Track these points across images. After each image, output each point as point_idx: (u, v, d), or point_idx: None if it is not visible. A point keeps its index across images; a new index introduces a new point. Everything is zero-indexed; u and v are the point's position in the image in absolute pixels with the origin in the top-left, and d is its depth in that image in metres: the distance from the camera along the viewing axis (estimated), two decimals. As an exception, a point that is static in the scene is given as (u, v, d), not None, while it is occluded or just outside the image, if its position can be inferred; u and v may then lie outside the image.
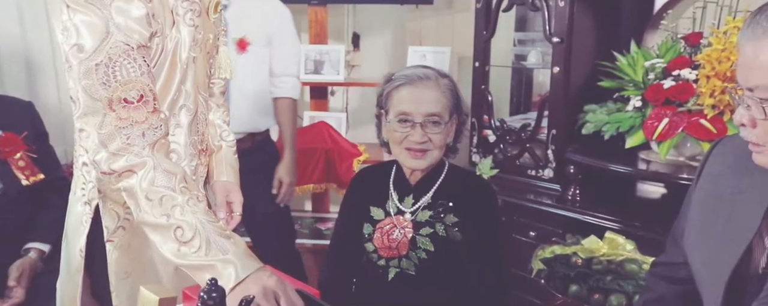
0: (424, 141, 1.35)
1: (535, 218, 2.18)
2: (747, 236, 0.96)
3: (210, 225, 1.03)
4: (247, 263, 1.01)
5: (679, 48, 1.94)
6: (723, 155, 1.06)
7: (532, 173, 2.28)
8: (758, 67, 0.85)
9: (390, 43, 3.36)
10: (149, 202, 1.03)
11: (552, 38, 2.14)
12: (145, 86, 1.06)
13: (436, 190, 1.41)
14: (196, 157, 1.25)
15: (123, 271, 1.22)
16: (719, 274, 0.97)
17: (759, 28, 0.85)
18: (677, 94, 1.81)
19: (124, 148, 1.04)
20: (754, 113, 0.88)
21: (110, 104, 1.04)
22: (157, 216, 1.03)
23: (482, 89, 2.43)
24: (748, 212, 0.97)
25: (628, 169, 1.94)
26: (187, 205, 1.03)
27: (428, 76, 1.37)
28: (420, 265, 1.39)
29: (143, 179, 1.04)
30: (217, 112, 1.41)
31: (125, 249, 1.21)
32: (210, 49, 1.28)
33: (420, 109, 1.34)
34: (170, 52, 1.14)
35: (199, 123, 1.25)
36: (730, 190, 1.01)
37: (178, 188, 1.04)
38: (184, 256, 1.02)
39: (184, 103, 1.20)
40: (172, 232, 1.02)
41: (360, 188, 1.51)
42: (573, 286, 1.67)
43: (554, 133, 2.19)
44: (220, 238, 1.02)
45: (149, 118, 1.07)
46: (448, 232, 1.37)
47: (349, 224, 1.49)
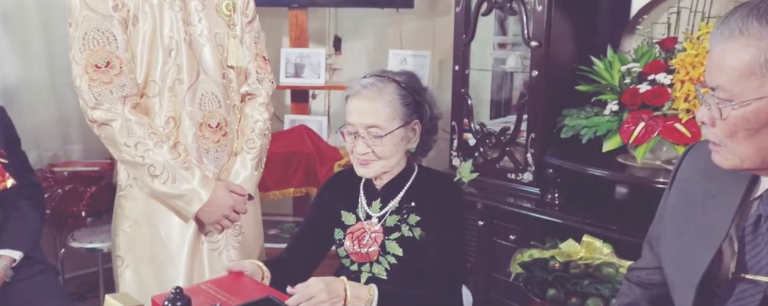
0: (366, 152, 1.34)
1: (514, 222, 2.19)
2: (716, 241, 0.96)
3: (173, 161, 1.43)
4: (206, 190, 1.44)
5: (654, 53, 1.97)
6: (695, 160, 1.06)
7: (512, 177, 2.28)
8: (722, 68, 0.86)
9: (372, 46, 3.36)
10: (127, 147, 1.40)
11: (530, 42, 2.15)
12: (110, 54, 1.38)
13: (403, 194, 1.40)
14: (196, 127, 1.48)
15: (131, 219, 1.51)
16: (690, 279, 0.97)
17: (727, 30, 0.86)
18: (652, 99, 1.83)
19: (98, 102, 1.38)
20: (713, 112, 0.89)
21: (85, 68, 1.38)
22: (135, 157, 1.40)
23: (462, 93, 2.43)
24: (717, 217, 0.97)
25: (606, 173, 1.95)
26: (155, 147, 1.41)
27: (374, 87, 1.33)
28: (391, 269, 1.38)
29: (121, 130, 1.39)
30: (256, 108, 1.61)
31: (133, 200, 1.51)
32: (221, 41, 1.51)
33: (360, 120, 1.33)
34: (149, 31, 1.42)
35: (204, 101, 1.48)
36: (701, 194, 1.01)
37: (147, 135, 1.41)
38: (156, 187, 1.42)
39: (178, 76, 1.45)
40: (146, 169, 1.42)
41: (332, 191, 1.50)
42: (551, 290, 1.68)
43: (533, 137, 2.20)
44: (184, 171, 1.43)
45: (115, 79, 1.39)
46: (412, 232, 1.36)
47: (315, 221, 1.48)
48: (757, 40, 0.83)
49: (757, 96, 0.83)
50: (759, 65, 0.83)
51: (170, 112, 1.46)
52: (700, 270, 0.97)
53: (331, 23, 3.37)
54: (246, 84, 1.61)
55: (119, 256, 1.53)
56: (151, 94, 1.45)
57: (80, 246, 2.31)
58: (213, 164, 1.52)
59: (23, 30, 2.54)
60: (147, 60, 1.43)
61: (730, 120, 0.86)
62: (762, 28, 0.83)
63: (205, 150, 1.51)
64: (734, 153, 0.89)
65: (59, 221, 2.39)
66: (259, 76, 1.62)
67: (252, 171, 1.57)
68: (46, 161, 2.58)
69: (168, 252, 1.49)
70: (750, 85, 0.83)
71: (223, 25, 1.52)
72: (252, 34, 1.61)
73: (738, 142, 0.87)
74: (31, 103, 2.57)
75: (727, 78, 0.85)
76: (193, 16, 1.47)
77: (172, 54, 1.44)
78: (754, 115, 0.84)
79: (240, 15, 1.57)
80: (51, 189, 2.35)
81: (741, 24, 0.84)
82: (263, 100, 1.62)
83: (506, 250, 2.14)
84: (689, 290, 0.97)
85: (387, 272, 1.39)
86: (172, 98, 1.45)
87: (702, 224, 0.99)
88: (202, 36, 1.48)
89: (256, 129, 1.59)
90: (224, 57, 1.52)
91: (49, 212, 2.31)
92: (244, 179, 1.55)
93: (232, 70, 1.55)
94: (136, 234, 1.51)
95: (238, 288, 1.20)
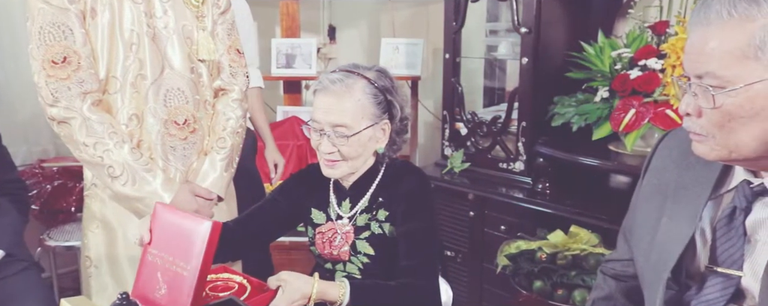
0: (332, 152, 1.27)
1: (505, 212, 2.15)
2: (687, 233, 0.92)
3: (134, 163, 1.37)
4: (168, 193, 1.39)
5: (646, 37, 1.91)
6: (668, 149, 1.02)
7: (504, 166, 2.25)
8: (708, 53, 0.81)
9: (366, 35, 3.31)
10: (86, 146, 1.35)
11: (520, 29, 2.10)
12: (67, 49, 1.33)
13: (372, 192, 1.35)
14: (160, 124, 1.43)
15: (98, 219, 1.47)
16: (660, 272, 0.94)
17: (711, 13, 0.81)
18: (643, 85, 1.78)
19: (55, 99, 1.33)
20: (701, 102, 0.83)
21: (42, 64, 1.33)
22: (93, 156, 1.36)
23: (453, 81, 2.39)
24: (689, 208, 0.93)
25: (596, 162, 1.91)
26: (115, 147, 1.36)
27: (343, 84, 1.25)
28: (364, 268, 1.35)
29: (80, 129, 1.34)
30: (229, 105, 1.54)
31: (100, 201, 1.47)
32: (189, 34, 1.45)
33: (327, 118, 1.26)
34: (107, 24, 1.37)
35: (169, 97, 1.43)
36: (674, 185, 0.97)
37: (107, 134, 1.35)
38: (115, 188, 1.38)
39: (141, 71, 1.39)
40: (105, 170, 1.36)
41: (302, 184, 1.43)
42: (537, 282, 1.65)
43: (524, 126, 2.15)
44: (144, 173, 1.38)
45: (72, 75, 1.34)
46: (382, 228, 1.32)
47: (277, 202, 1.41)
48: (748, 21, 0.78)
49: (752, 80, 0.78)
50: (752, 47, 0.78)
51: (133, 109, 1.40)
52: (670, 263, 0.93)
53: (325, 12, 3.33)
54: (219, 78, 1.54)
55: (88, 257, 1.49)
56: (113, 90, 1.39)
57: (57, 244, 2.29)
58: (180, 162, 1.47)
59: (12, 25, 2.53)
60: (107, 55, 1.37)
61: (724, 108, 0.81)
62: (751, 7, 0.78)
63: (172, 147, 1.45)
64: (723, 144, 0.84)
65: (49, 217, 2.38)
66: (232, 70, 1.55)
67: (221, 172, 1.49)
68: (35, 156, 2.58)
69: (136, 253, 1.42)
70: (744, 69, 0.78)
71: (191, 16, 1.46)
72: (225, 26, 1.53)
73: (729, 132, 0.82)
74: (20, 97, 2.56)
75: (718, 63, 0.80)
76: (157, 8, 1.41)
77: (133, 48, 1.38)
78: (749, 102, 0.79)
79: (211, 6, 1.50)
80: (40, 184, 2.35)
81: (729, 6, 0.79)
82: (237, 96, 1.55)
83: (497, 240, 2.10)
84: (658, 284, 0.93)
85: (361, 271, 1.36)
86: (134, 94, 1.40)
87: (674, 216, 0.95)
88: (168, 29, 1.42)
89: (228, 127, 1.52)
90: (193, 50, 1.46)
91: (37, 208, 2.31)
92: (213, 181, 1.48)
93: (202, 64, 1.48)
94: (104, 234, 1.47)
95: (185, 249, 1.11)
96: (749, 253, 0.87)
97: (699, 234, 0.93)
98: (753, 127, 0.81)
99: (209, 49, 1.48)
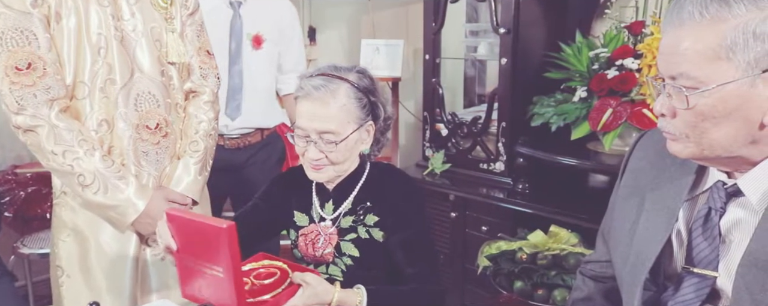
0: (319, 158, 1.26)
1: (486, 212, 2.16)
2: (664, 234, 0.93)
3: (106, 170, 1.35)
4: (142, 200, 1.37)
5: (623, 37, 1.92)
6: (644, 150, 1.03)
7: (484, 167, 2.25)
8: (681, 53, 0.81)
9: (346, 36, 3.30)
10: (55, 155, 1.32)
11: (499, 29, 2.11)
12: (32, 54, 1.29)
13: (356, 194, 1.34)
14: (132, 129, 1.40)
15: (69, 228, 1.44)
16: (638, 273, 0.94)
17: (684, 14, 0.81)
18: (620, 84, 1.79)
19: (21, 107, 1.30)
20: (675, 102, 0.84)
21: (6, 71, 1.29)
22: (63, 165, 1.32)
23: (433, 82, 2.39)
24: (666, 209, 0.94)
25: (575, 161, 1.92)
26: (85, 155, 1.33)
27: (328, 90, 1.23)
28: (347, 271, 1.34)
29: (48, 137, 1.31)
30: (200, 108, 1.52)
31: (70, 210, 1.44)
32: (158, 36, 1.43)
33: (312, 126, 1.23)
34: (74, 28, 1.33)
35: (139, 101, 1.40)
36: (650, 186, 0.98)
37: (77, 142, 1.32)
38: (87, 197, 1.35)
39: (110, 76, 1.36)
40: (75, 178, 1.33)
41: (284, 188, 1.42)
42: (517, 282, 1.65)
43: (504, 126, 2.16)
44: (117, 181, 1.36)
45: (38, 82, 1.30)
46: (370, 233, 1.31)
47: (259, 208, 1.40)
48: (720, 22, 0.78)
49: (724, 81, 0.79)
50: (724, 48, 0.78)
51: (102, 115, 1.36)
52: (648, 264, 0.93)
53: (305, 13, 3.31)
54: (189, 80, 1.51)
55: (59, 267, 1.45)
56: (81, 96, 1.35)
57: (31, 252, 2.23)
58: (153, 167, 1.44)
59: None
60: (74, 60, 1.34)
61: (698, 108, 0.81)
62: (722, 8, 0.78)
63: (144, 152, 1.42)
64: (696, 143, 0.84)
65: (23, 224, 2.33)
66: (203, 72, 1.53)
67: (195, 176, 1.48)
68: (9, 162, 2.52)
69: (110, 261, 1.42)
70: (716, 70, 0.79)
71: (159, 18, 1.43)
72: (194, 27, 1.51)
73: (703, 132, 0.83)
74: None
75: (691, 64, 0.80)
76: (124, 10, 1.39)
77: (101, 52, 1.35)
78: (721, 102, 0.80)
79: (179, 7, 1.47)
80: (13, 191, 2.30)
81: (701, 6, 0.79)
82: (208, 97, 1.53)
83: (479, 241, 2.10)
84: (636, 285, 0.94)
85: (343, 273, 1.35)
86: (103, 99, 1.36)
87: (651, 217, 0.96)
88: (136, 31, 1.39)
89: (201, 130, 1.50)
90: (162, 53, 1.43)
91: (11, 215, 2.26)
92: (187, 185, 1.47)
93: (172, 67, 1.46)
94: (76, 243, 1.43)
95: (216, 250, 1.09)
96: (724, 253, 0.88)
97: (675, 235, 0.93)
98: (726, 127, 0.81)
99: (179, 52, 1.45)
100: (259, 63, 2.14)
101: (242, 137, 2.15)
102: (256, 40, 2.12)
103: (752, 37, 0.77)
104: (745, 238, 0.85)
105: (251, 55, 2.12)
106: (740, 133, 0.81)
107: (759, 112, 0.79)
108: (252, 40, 2.11)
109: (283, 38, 2.21)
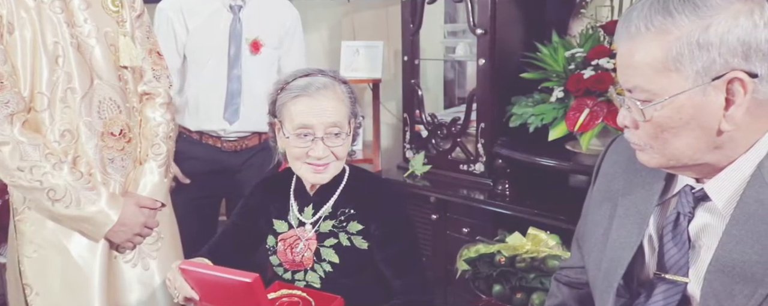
0: (326, 155, 1.26)
1: (467, 214, 2.15)
2: (636, 240, 0.92)
3: (76, 183, 1.33)
4: (114, 210, 1.37)
5: (598, 37, 1.92)
6: (617, 154, 1.02)
7: (464, 168, 2.24)
8: (634, 66, 0.81)
9: (327, 38, 3.28)
10: (21, 172, 1.29)
11: (476, 30, 2.09)
12: None
13: (336, 199, 1.34)
14: (97, 138, 1.38)
15: (35, 243, 1.39)
16: (610, 280, 0.93)
17: (632, 26, 0.81)
18: (596, 84, 1.78)
19: None
20: (635, 115, 0.84)
21: None
22: (31, 182, 1.30)
23: (412, 83, 2.37)
24: (638, 214, 0.93)
25: (553, 162, 1.91)
26: (54, 170, 1.31)
27: (326, 85, 1.27)
28: (325, 277, 1.32)
29: (12, 154, 1.28)
30: (157, 110, 1.51)
31: (34, 224, 1.39)
32: (112, 40, 1.41)
33: (321, 120, 1.25)
34: (29, 38, 1.30)
35: (102, 108, 1.39)
36: (622, 191, 0.97)
37: (43, 157, 1.30)
38: (58, 211, 1.33)
39: (69, 85, 1.34)
40: (44, 193, 1.31)
41: (262, 196, 1.43)
42: (496, 285, 1.64)
43: (483, 127, 2.15)
44: (88, 193, 1.34)
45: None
46: (352, 241, 1.31)
47: (240, 224, 1.41)
48: (664, 34, 0.79)
49: (675, 92, 0.79)
50: (671, 60, 0.78)
51: (65, 125, 1.35)
52: (620, 270, 0.92)
53: (284, 15, 3.28)
54: (142, 83, 1.50)
55: (27, 285, 1.41)
56: (40, 107, 1.32)
57: (5, 261, 2.18)
58: (119, 173, 1.43)
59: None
60: (31, 70, 1.31)
61: (655, 120, 0.82)
62: (665, 21, 0.78)
63: (110, 159, 1.41)
64: (661, 153, 0.85)
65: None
66: (155, 74, 1.52)
67: (161, 178, 1.48)
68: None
69: (81, 273, 1.39)
70: (667, 81, 0.79)
71: (112, 22, 1.41)
72: (142, 29, 1.50)
73: (664, 142, 0.83)
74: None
75: (643, 77, 0.81)
76: (78, 16, 1.36)
77: (59, 61, 1.32)
78: (676, 113, 0.80)
79: (128, 10, 1.46)
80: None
81: (646, 19, 0.80)
82: (163, 99, 1.52)
83: (460, 243, 2.09)
84: (609, 292, 0.93)
85: (321, 280, 1.34)
86: (65, 109, 1.34)
87: (623, 222, 0.95)
88: (91, 37, 1.37)
89: (160, 133, 1.50)
90: (117, 57, 1.42)
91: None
92: (153, 189, 1.47)
93: (126, 71, 1.45)
94: (44, 258, 1.39)
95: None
96: (694, 259, 0.87)
97: (647, 240, 0.93)
98: (685, 137, 0.81)
99: (131, 55, 1.44)
100: (258, 68, 2.12)
101: (240, 140, 2.14)
102: (254, 45, 2.10)
103: (697, 47, 0.77)
104: (713, 244, 0.84)
105: (249, 59, 2.10)
106: (701, 141, 0.81)
107: (714, 120, 0.79)
108: (250, 45, 2.09)
109: (283, 42, 2.19)
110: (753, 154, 0.81)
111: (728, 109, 0.79)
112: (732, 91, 0.78)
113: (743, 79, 0.77)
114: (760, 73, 0.77)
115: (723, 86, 0.78)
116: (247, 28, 2.08)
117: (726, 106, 0.78)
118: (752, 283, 0.78)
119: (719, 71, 0.77)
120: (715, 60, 0.77)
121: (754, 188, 0.80)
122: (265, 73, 2.15)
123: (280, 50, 2.18)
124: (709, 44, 0.76)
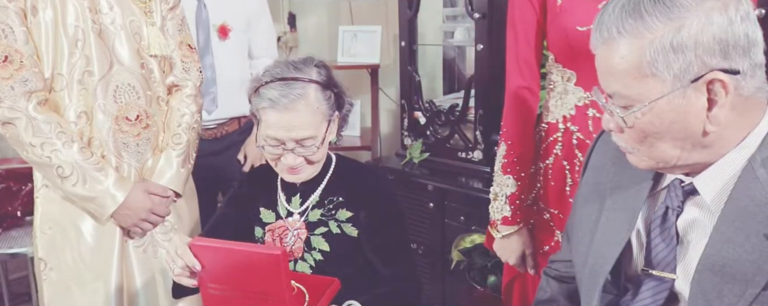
0: (298, 163, 1.24)
1: (465, 203, 2.12)
2: (625, 235, 0.89)
3: (84, 162, 1.36)
4: (121, 192, 1.39)
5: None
6: (606, 146, 0.98)
7: (463, 155, 2.20)
8: (610, 73, 0.78)
9: (326, 22, 3.23)
10: (33, 147, 1.33)
11: (474, 14, 2.05)
12: (9, 47, 1.31)
13: (324, 187, 1.32)
14: (111, 121, 1.41)
15: (51, 220, 1.44)
16: (597, 276, 0.90)
17: (604, 30, 0.78)
18: (595, 71, 1.73)
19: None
20: (617, 120, 0.81)
21: None
22: (41, 157, 1.34)
23: (409, 70, 2.33)
24: (626, 209, 0.90)
25: (551, 150, 1.86)
26: (63, 147, 1.34)
27: (299, 97, 1.18)
28: (316, 266, 1.31)
29: (26, 129, 1.32)
30: (183, 101, 1.53)
31: (50, 202, 1.44)
32: (137, 29, 1.44)
33: (289, 135, 1.20)
34: (50, 21, 1.35)
35: (119, 93, 1.41)
36: (611, 184, 0.94)
37: (55, 134, 1.34)
38: (66, 188, 1.37)
39: (87, 68, 1.37)
40: (53, 170, 1.35)
41: (249, 187, 1.41)
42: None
43: (481, 114, 2.11)
44: (95, 172, 1.37)
45: (15, 74, 1.31)
46: (342, 228, 1.29)
47: (228, 216, 1.39)
48: (636, 38, 0.75)
49: (654, 97, 0.76)
50: (646, 65, 0.75)
51: (81, 107, 1.38)
52: (607, 266, 0.90)
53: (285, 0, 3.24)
54: (172, 74, 1.52)
55: (41, 259, 1.45)
56: (59, 87, 1.37)
57: (2, 252, 2.14)
58: (134, 159, 1.45)
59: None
60: (52, 52, 1.35)
61: (637, 126, 0.79)
62: (637, 24, 0.75)
63: (124, 144, 1.43)
64: (649, 156, 0.82)
65: (-7, 222, 2.29)
66: (185, 66, 1.53)
67: (178, 169, 1.49)
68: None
69: (94, 252, 1.42)
70: (645, 87, 0.76)
71: (138, 12, 1.45)
72: (175, 21, 1.52)
73: (650, 146, 0.80)
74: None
75: (621, 84, 0.78)
76: (103, 4, 1.40)
77: (78, 44, 1.36)
78: (657, 118, 0.77)
79: (159, 2, 1.48)
80: (-19, 189, 2.25)
81: (617, 23, 0.76)
82: (190, 91, 1.53)
83: (458, 231, 2.07)
84: (594, 288, 0.90)
85: (312, 269, 1.32)
86: (82, 91, 1.37)
87: (611, 217, 0.92)
88: (114, 24, 1.41)
89: (183, 123, 1.51)
90: (142, 46, 1.44)
91: (-21, 215, 2.22)
92: (170, 178, 1.47)
93: (153, 60, 1.46)
94: (58, 235, 1.44)
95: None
96: (682, 255, 0.84)
97: (635, 235, 0.90)
98: (670, 140, 0.79)
99: (160, 44, 1.46)
100: (228, 53, 2.10)
101: (219, 127, 2.14)
102: (222, 31, 2.08)
103: (671, 50, 0.73)
104: (701, 240, 0.81)
105: (219, 46, 2.07)
106: (687, 143, 0.78)
107: (698, 122, 0.76)
108: (218, 31, 2.07)
109: (250, 24, 2.15)
110: (743, 149, 0.78)
111: (712, 110, 0.75)
112: (713, 91, 0.75)
113: (723, 79, 0.73)
114: (741, 69, 0.74)
115: (703, 87, 0.74)
116: (213, 14, 2.06)
117: (709, 107, 0.75)
118: (742, 282, 0.75)
119: (698, 73, 0.74)
120: (692, 62, 0.73)
121: (744, 184, 0.77)
122: (238, 59, 2.14)
123: (248, 33, 2.17)
124: (684, 46, 0.73)
